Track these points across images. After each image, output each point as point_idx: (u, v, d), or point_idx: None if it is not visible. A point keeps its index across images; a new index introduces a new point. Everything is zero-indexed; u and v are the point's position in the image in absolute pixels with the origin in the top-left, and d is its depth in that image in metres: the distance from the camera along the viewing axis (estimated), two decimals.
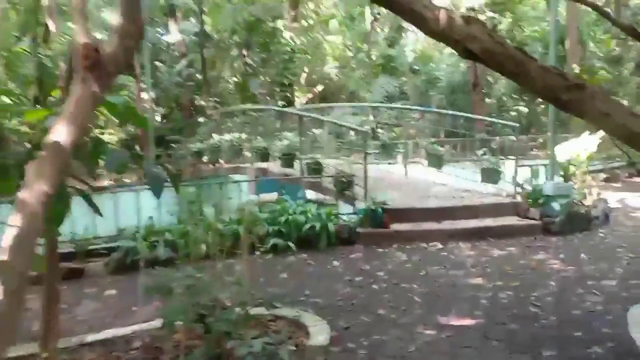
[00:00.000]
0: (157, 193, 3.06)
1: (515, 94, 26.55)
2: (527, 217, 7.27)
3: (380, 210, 7.11)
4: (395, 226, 7.18)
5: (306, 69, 26.28)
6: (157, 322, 3.96)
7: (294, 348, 4.00)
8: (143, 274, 4.68)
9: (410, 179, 9.25)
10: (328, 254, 6.79)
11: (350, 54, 27.88)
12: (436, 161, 8.76)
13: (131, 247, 6.48)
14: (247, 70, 25.18)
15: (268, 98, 24.25)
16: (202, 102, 22.31)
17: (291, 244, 6.88)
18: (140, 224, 7.32)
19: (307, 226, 7.02)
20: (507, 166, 8.30)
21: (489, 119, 11.38)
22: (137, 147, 16.08)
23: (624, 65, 21.77)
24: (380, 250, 6.84)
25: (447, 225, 7.14)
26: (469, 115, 10.67)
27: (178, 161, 12.80)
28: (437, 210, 7.40)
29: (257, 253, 6.95)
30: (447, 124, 13.80)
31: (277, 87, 22.88)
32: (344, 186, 7.71)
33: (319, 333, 4.18)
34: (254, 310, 4.41)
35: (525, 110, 26.46)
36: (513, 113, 26.89)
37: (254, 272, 6.33)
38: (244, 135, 10.76)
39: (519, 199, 7.57)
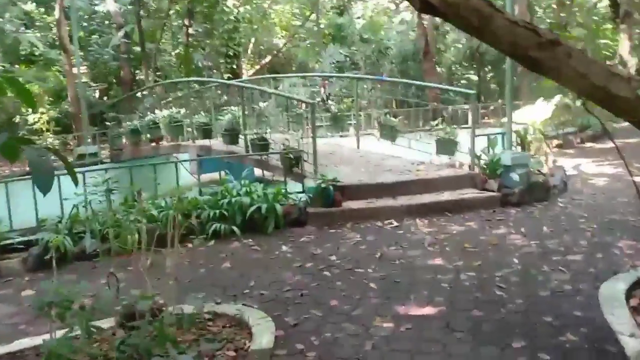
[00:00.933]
0: (44, 187, 2.41)
1: (466, 62, 26.55)
2: (486, 189, 6.96)
3: (331, 188, 6.63)
4: (348, 204, 6.73)
5: (252, 40, 25.30)
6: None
7: (234, 354, 3.50)
8: (56, 275, 4.03)
9: (363, 153, 8.79)
10: (276, 237, 6.27)
11: (298, 23, 27.00)
12: (389, 133, 8.32)
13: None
14: (190, 41, 24.03)
15: (215, 71, 23.27)
16: (143, 77, 21.14)
17: (235, 229, 6.34)
18: (65, 213, 6.59)
19: (253, 208, 6.46)
20: (463, 136, 7.95)
21: (444, 87, 11.01)
22: (74, 127, 15.00)
23: (570, 31, 21.91)
24: (333, 231, 6.38)
25: (402, 201, 6.74)
26: (423, 83, 10.30)
27: (114, 140, 11.90)
28: (391, 186, 6.98)
29: (198, 241, 6.39)
30: (399, 94, 13.42)
31: (222, 59, 21.90)
32: (292, 163, 7.18)
33: (263, 333, 3.69)
34: (189, 309, 3.88)
35: (475, 78, 26.51)
36: (463, 81, 26.91)
37: (193, 262, 5.76)
38: (183, 111, 9.99)
39: (476, 170, 7.24)
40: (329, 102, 9.49)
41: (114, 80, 23.40)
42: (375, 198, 6.86)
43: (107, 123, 12.11)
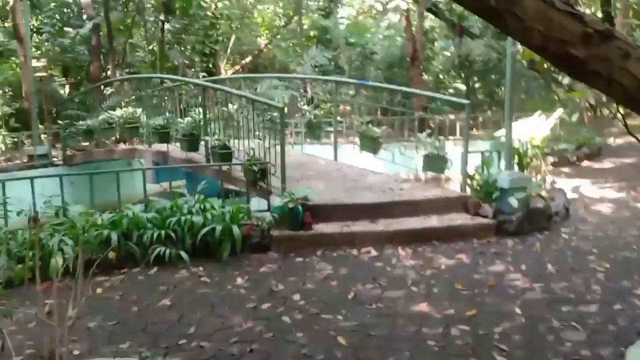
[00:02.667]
0: None
1: (454, 71, 25.90)
2: (479, 215, 6.10)
3: (300, 208, 5.71)
4: (320, 227, 5.82)
5: (232, 38, 24.29)
6: None
7: None
8: None
9: (340, 166, 7.88)
10: (231, 266, 5.34)
11: (282, 23, 26.06)
12: (371, 145, 7.43)
13: None
14: (166, 37, 22.97)
15: (194, 70, 22.21)
16: (115, 73, 19.98)
17: (183, 254, 5.41)
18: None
19: (206, 230, 5.51)
20: (451, 150, 7.10)
21: (436, 95, 10.17)
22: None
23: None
24: (300, 259, 5.46)
25: (383, 225, 5.85)
26: (412, 90, 9.39)
27: (67, 140, 10.83)
28: (371, 207, 6.09)
29: (137, 269, 5.43)
30: (384, 101, 12.58)
31: (198, 57, 20.89)
32: (256, 176, 6.25)
33: None
34: None
35: (463, 87, 25.86)
36: (451, 90, 26.23)
37: (126, 297, 4.79)
38: (140, 111, 8.99)
39: (468, 192, 6.38)
40: (305, 107, 8.55)
41: (83, 75, 22.22)
42: (351, 221, 5.96)
43: (59, 122, 11.04)
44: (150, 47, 24.44)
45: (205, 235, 5.53)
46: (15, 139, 14.36)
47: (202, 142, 7.24)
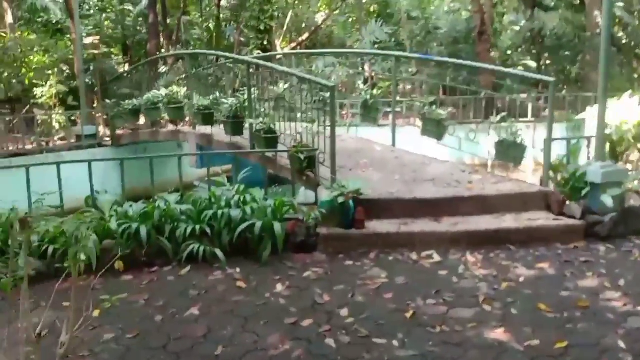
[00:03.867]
0: None
1: (524, 46, 24.20)
2: (563, 214, 5.19)
3: (351, 203, 5.00)
4: (374, 225, 5.09)
5: (289, 14, 23.60)
6: None
7: None
8: None
9: (399, 153, 7.07)
10: (272, 268, 4.72)
11: None
12: (435, 129, 6.58)
13: None
14: (221, 14, 22.57)
15: (249, 47, 21.71)
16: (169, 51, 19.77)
17: (219, 253, 4.83)
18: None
19: (245, 226, 4.91)
20: (526, 135, 6.17)
21: (515, 72, 9.08)
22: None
23: None
24: (349, 262, 4.77)
25: (448, 225, 5.06)
26: (486, 66, 8.34)
27: (115, 120, 10.52)
28: (434, 203, 5.30)
29: (168, 267, 4.90)
30: (448, 79, 11.59)
31: (252, 34, 20.33)
32: (302, 165, 5.57)
33: None
34: None
35: (533, 64, 24.14)
36: (520, 68, 24.57)
37: (151, 301, 4.26)
38: (183, 90, 8.48)
39: (551, 186, 5.45)
40: (360, 85, 7.76)
41: (144, 54, 22.18)
42: (411, 218, 5.20)
43: (107, 101, 10.76)
44: (207, 24, 24.18)
45: (244, 232, 4.93)
46: (73, 118, 14.33)
47: (247, 125, 6.61)
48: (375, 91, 7.67)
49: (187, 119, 8.75)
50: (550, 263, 4.61)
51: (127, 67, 21.59)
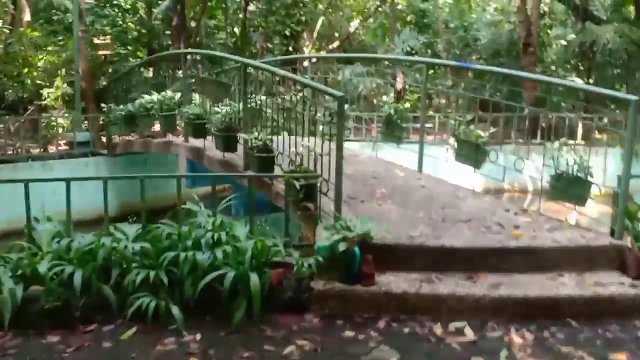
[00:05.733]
0: None
1: (571, 62, 22.65)
2: None
3: (357, 250, 3.79)
4: (387, 280, 3.88)
5: (320, 21, 22.58)
6: None
7: None
8: None
9: (426, 181, 5.80)
10: (243, 337, 3.55)
11: (375, 3, 23.88)
12: (472, 154, 5.32)
13: None
14: (248, 19, 21.73)
15: (273, 54, 20.78)
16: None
17: (176, 310, 3.69)
18: None
19: (213, 275, 3.76)
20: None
21: (589, 87, 7.72)
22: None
23: None
24: (350, 334, 3.56)
25: (486, 286, 3.81)
26: (547, 79, 6.85)
27: (110, 127, 9.55)
28: (469, 254, 4.05)
29: (109, 326, 3.78)
30: (487, 92, 10.32)
31: (277, 39, 19.38)
32: (299, 194, 4.40)
33: None
34: None
35: (580, 82, 22.51)
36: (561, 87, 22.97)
37: None
38: (177, 96, 7.42)
39: (626, 239, 4.14)
40: (384, 97, 6.54)
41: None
42: (437, 273, 3.97)
43: (102, 105, 9.83)
44: (231, 29, 23.35)
45: (214, 283, 3.78)
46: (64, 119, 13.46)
47: (241, 140, 5.47)
48: (401, 105, 6.43)
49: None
50: (629, 352, 3.31)
51: (151, 72, 20.91)
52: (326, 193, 4.47)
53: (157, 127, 8.96)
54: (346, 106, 5.33)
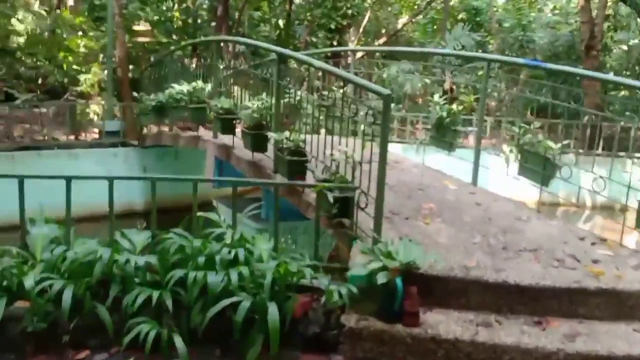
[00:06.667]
0: None
1: (637, 68, 21.23)
2: None
3: (399, 283, 3.12)
4: (435, 320, 3.20)
5: (367, 15, 21.83)
6: None
7: None
8: None
9: (483, 198, 5.02)
10: None
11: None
12: (538, 167, 4.55)
13: None
14: (292, 11, 21.18)
15: (319, 47, 20.14)
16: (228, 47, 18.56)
17: (178, 341, 3.11)
18: None
19: (226, 302, 3.17)
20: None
21: None
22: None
23: None
24: None
25: (559, 336, 3.09)
26: (631, 82, 5.95)
27: (140, 117, 9.12)
28: (537, 293, 3.32)
29: (102, 355, 3.23)
30: (546, 95, 9.44)
31: (321, 33, 18.73)
32: (332, 207, 3.75)
33: None
34: None
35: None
36: (623, 93, 21.65)
37: None
38: (209, 86, 6.87)
39: None
40: (435, 98, 5.80)
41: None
42: (496, 314, 3.27)
43: (134, 94, 9.41)
44: (276, 21, 22.86)
45: (227, 311, 3.19)
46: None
47: (272, 140, 4.86)
48: (455, 106, 5.69)
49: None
50: None
51: (194, 61, 20.62)
52: (364, 208, 3.81)
53: None
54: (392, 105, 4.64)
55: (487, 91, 5.49)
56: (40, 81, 14.46)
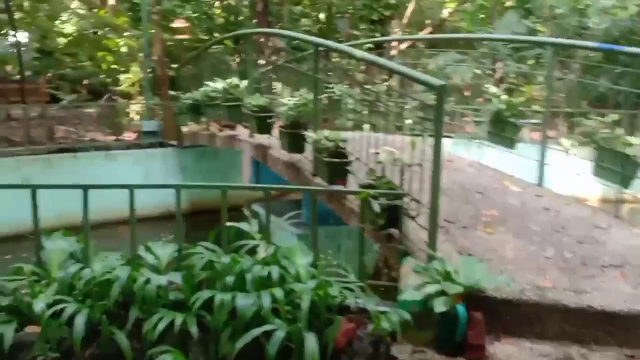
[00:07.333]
0: None
1: None
2: None
3: (461, 310, 2.63)
4: (503, 351, 2.71)
5: (411, 6, 21.11)
6: None
7: None
8: None
9: (552, 202, 4.40)
10: None
11: None
12: (618, 167, 3.93)
13: None
14: (333, 4, 20.69)
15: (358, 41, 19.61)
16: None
17: None
18: None
19: (258, 331, 2.75)
20: None
21: None
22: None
23: None
24: None
25: None
26: None
27: (178, 117, 8.84)
28: (628, 320, 2.77)
29: None
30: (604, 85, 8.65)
31: (364, 25, 18.15)
32: (379, 219, 3.27)
33: None
34: None
35: None
36: None
37: None
38: (244, 83, 6.47)
39: None
40: (492, 88, 5.23)
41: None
42: (579, 346, 2.75)
43: (171, 92, 9.15)
44: (316, 15, 22.40)
45: (260, 339, 2.77)
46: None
47: (310, 139, 4.41)
48: (514, 99, 5.10)
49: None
50: None
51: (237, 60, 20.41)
52: (415, 217, 3.32)
53: None
54: None
55: (552, 80, 4.88)
56: (84, 82, 14.50)
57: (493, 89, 5.23)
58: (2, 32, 12.93)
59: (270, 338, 2.71)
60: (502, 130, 5.04)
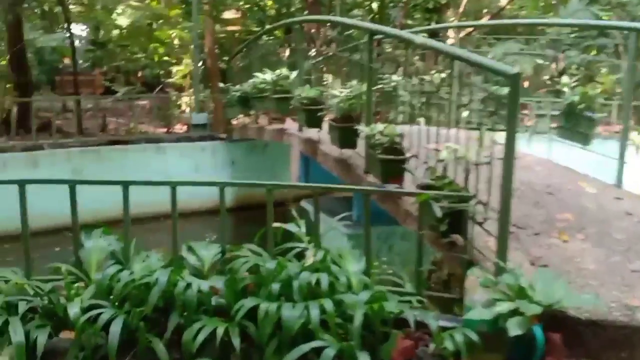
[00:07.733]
0: None
1: None
2: None
3: (538, 333, 2.29)
4: None
5: None
6: None
7: None
8: None
9: (632, 204, 3.96)
10: None
11: None
12: None
13: None
14: None
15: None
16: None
17: None
18: None
19: (305, 348, 2.49)
20: None
21: None
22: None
23: None
24: None
25: None
26: None
27: (229, 109, 8.69)
28: None
29: None
30: None
31: (418, 14, 17.61)
32: (441, 225, 2.95)
33: None
34: None
35: None
36: None
37: None
38: (293, 74, 6.22)
39: None
40: (563, 79, 4.77)
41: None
42: None
43: (221, 84, 9.02)
44: (369, 5, 21.97)
45: (309, 355, 2.52)
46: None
47: (362, 134, 4.11)
48: (590, 90, 4.62)
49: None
50: None
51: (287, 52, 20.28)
52: (482, 223, 2.98)
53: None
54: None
55: (634, 69, 4.38)
56: (138, 74, 14.66)
57: (565, 79, 4.77)
58: (59, 25, 13.19)
59: (320, 356, 2.45)
60: (576, 125, 4.58)
